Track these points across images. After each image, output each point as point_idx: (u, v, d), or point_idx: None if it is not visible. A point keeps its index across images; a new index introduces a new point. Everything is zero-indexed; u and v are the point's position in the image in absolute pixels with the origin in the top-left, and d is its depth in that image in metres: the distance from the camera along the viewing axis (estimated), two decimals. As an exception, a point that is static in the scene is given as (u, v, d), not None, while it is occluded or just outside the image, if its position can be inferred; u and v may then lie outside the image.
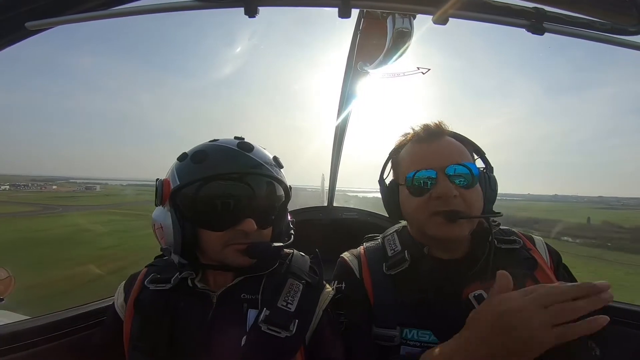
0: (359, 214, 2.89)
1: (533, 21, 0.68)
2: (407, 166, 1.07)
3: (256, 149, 0.99)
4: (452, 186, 0.98)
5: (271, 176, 0.97)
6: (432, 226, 1.01)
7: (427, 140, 1.06)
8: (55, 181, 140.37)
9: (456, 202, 0.98)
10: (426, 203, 1.01)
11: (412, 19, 0.79)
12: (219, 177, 0.92)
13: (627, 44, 0.71)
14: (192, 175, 0.92)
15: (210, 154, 0.94)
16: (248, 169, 0.94)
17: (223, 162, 0.93)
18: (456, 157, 1.03)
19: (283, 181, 1.02)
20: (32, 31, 0.66)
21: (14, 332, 1.16)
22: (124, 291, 1.07)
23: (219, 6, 0.70)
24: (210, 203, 0.92)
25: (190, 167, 0.94)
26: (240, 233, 0.91)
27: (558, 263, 1.12)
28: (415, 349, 1.00)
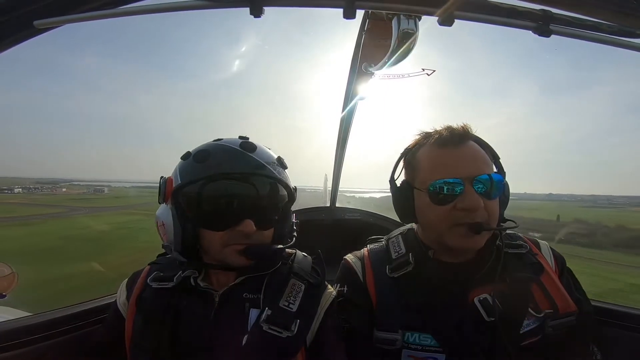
0: (362, 215, 2.88)
1: (540, 23, 0.68)
2: (428, 171, 1.01)
3: (259, 149, 0.97)
4: (479, 199, 0.94)
5: (273, 177, 0.96)
6: (454, 237, 0.97)
7: (451, 145, 1.00)
8: (58, 183, 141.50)
9: (480, 214, 0.95)
10: (449, 213, 0.96)
11: (417, 20, 0.79)
12: (220, 177, 0.92)
13: (634, 46, 0.70)
14: (194, 174, 0.92)
15: (213, 153, 0.94)
16: (249, 170, 0.93)
17: (225, 161, 0.93)
18: (482, 166, 0.98)
19: (286, 182, 1.00)
20: (40, 29, 0.66)
21: (15, 328, 1.16)
22: (126, 289, 1.07)
23: (224, 6, 0.70)
24: (210, 202, 0.92)
25: (192, 166, 0.94)
26: (240, 233, 0.91)
27: (562, 267, 1.11)
28: (417, 352, 1.00)
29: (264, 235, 0.96)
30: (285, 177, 1.01)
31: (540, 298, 1.01)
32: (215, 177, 0.92)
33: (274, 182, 0.97)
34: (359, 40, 1.17)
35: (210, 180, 0.92)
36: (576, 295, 1.07)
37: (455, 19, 0.69)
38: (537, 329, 0.98)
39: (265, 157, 0.97)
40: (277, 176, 0.97)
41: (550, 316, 0.98)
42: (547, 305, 0.99)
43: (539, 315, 0.98)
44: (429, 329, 1.00)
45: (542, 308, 0.99)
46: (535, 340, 0.98)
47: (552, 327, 0.97)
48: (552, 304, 1.00)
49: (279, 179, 0.98)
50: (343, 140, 2.37)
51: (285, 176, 1.02)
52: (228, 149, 0.95)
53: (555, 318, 0.98)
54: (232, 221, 0.91)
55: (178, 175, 0.95)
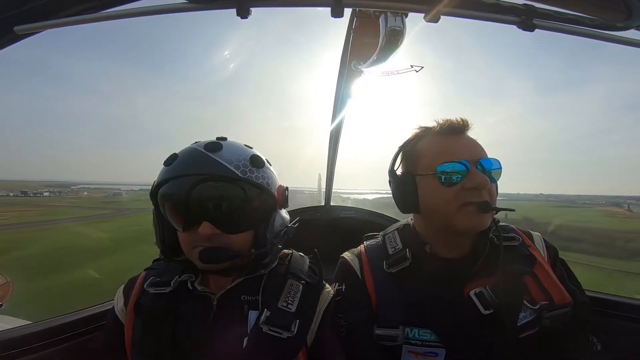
0: (357, 213, 2.89)
1: (523, 18, 0.69)
2: (434, 157, 1.03)
3: (226, 149, 0.92)
4: (487, 178, 0.98)
5: (234, 178, 0.90)
6: (463, 216, 0.99)
7: (454, 133, 1.06)
8: (68, 186, 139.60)
9: (486, 194, 0.99)
10: (457, 194, 0.99)
11: (404, 18, 0.79)
12: (177, 179, 0.90)
13: (616, 40, 0.72)
14: (162, 177, 0.92)
15: (180, 155, 0.93)
16: (205, 171, 0.89)
17: (184, 164, 0.91)
18: (482, 152, 1.03)
19: (256, 182, 0.93)
20: (21, 35, 0.65)
21: (14, 337, 1.15)
22: (123, 295, 1.06)
23: (210, 7, 0.69)
24: (169, 204, 0.92)
25: (163, 169, 0.94)
26: (201, 236, 0.88)
27: (555, 258, 1.13)
28: (417, 347, 1.01)
29: (232, 238, 0.91)
30: (258, 177, 0.93)
31: (535, 290, 1.02)
32: (172, 179, 0.91)
33: (235, 184, 0.90)
34: (348, 39, 1.17)
35: (168, 182, 0.91)
36: (570, 286, 1.08)
37: (441, 15, 0.69)
38: (534, 321, 0.99)
39: (230, 158, 0.91)
40: (239, 177, 0.90)
41: (546, 308, 0.99)
42: (542, 297, 1.01)
43: (534, 307, 0.99)
44: (428, 324, 1.01)
45: (537, 300, 1.00)
46: (533, 332, 0.99)
47: (549, 318, 0.98)
48: (547, 295, 1.01)
49: (244, 179, 0.90)
50: (335, 138, 2.37)
51: (259, 176, 0.94)
52: (192, 150, 0.93)
53: (551, 309, 0.99)
54: (192, 223, 0.90)
55: (157, 177, 0.96)
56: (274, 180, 1.00)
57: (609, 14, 0.70)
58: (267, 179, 0.96)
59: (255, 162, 0.95)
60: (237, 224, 0.92)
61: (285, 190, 1.04)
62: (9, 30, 0.63)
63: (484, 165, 1.00)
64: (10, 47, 0.71)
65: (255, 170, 0.94)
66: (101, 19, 0.67)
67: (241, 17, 0.69)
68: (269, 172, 0.99)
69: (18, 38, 0.67)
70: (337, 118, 2.00)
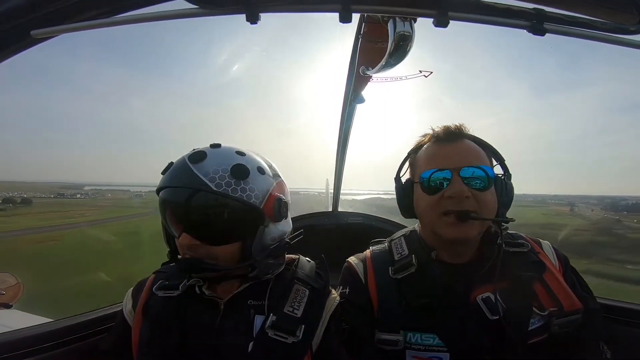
0: (365, 219, 2.87)
1: (534, 22, 0.68)
2: (423, 165, 1.06)
3: (209, 159, 0.90)
4: (465, 187, 0.98)
5: (206, 192, 0.87)
6: (443, 225, 1.00)
7: (445, 141, 1.06)
8: (81, 187, 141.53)
9: (469, 203, 0.98)
10: (438, 202, 1.00)
11: (412, 23, 0.80)
12: (165, 189, 0.93)
13: (628, 43, 0.71)
14: (159, 185, 0.95)
15: (173, 165, 0.95)
16: (181, 183, 0.90)
17: (170, 174, 0.93)
18: (472, 159, 1.02)
19: (229, 197, 0.88)
20: (38, 39, 0.67)
21: (22, 338, 1.17)
22: (132, 298, 1.07)
23: (220, 13, 0.70)
24: (161, 210, 0.96)
25: (161, 177, 0.97)
26: (183, 245, 0.90)
27: (566, 266, 1.11)
28: (421, 352, 1.00)
29: (215, 250, 0.90)
30: (236, 190, 0.89)
31: (544, 296, 1.01)
32: (159, 190, 0.94)
33: (209, 197, 0.88)
34: (356, 44, 1.18)
35: (158, 192, 0.95)
36: (581, 293, 1.07)
37: (450, 20, 0.69)
38: (543, 327, 0.98)
39: (210, 169, 0.89)
40: (213, 190, 0.87)
41: (555, 314, 0.98)
42: (551, 304, 0.99)
43: (543, 314, 0.98)
44: (432, 329, 1.00)
45: (546, 306, 0.99)
46: (542, 338, 0.97)
47: (558, 325, 0.97)
48: (556, 302, 0.99)
49: (217, 192, 0.87)
50: (343, 144, 2.37)
51: (238, 189, 0.89)
52: (179, 160, 0.94)
53: (560, 316, 0.98)
54: (177, 230, 0.92)
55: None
56: (261, 191, 0.94)
57: (620, 17, 0.69)
58: (250, 191, 0.91)
59: (237, 174, 0.90)
60: (214, 236, 0.91)
61: (278, 202, 0.97)
62: (26, 35, 0.65)
63: (466, 174, 0.99)
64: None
65: (234, 182, 0.89)
66: (114, 23, 0.68)
67: (251, 23, 0.70)
68: (257, 182, 0.93)
69: (34, 42, 0.69)
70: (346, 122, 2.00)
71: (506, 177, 1.08)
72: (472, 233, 1.00)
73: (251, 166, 0.94)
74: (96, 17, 0.70)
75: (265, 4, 0.69)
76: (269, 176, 0.99)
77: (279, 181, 1.02)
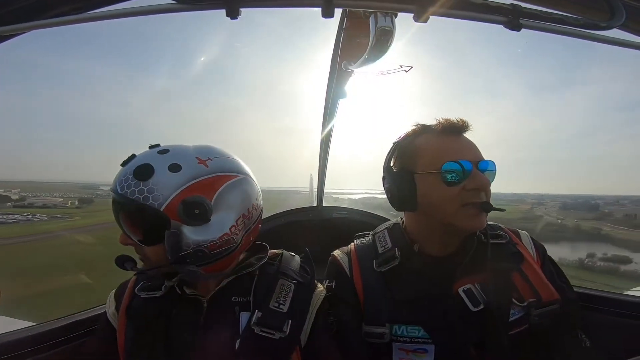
0: (349, 213, 2.89)
1: (510, 17, 0.70)
2: (436, 156, 1.03)
3: (132, 162, 0.90)
4: (488, 179, 1.00)
5: (117, 193, 0.87)
6: (463, 217, 1.00)
7: (456, 132, 1.07)
8: (98, 187, 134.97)
9: (485, 195, 1.01)
10: (459, 194, 0.99)
11: (393, 18, 0.80)
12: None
13: (600, 39, 0.73)
14: None
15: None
16: (112, 184, 0.92)
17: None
18: (480, 153, 1.05)
19: (127, 198, 0.85)
20: (5, 36, 0.64)
21: (3, 342, 1.14)
22: (115, 300, 1.06)
23: (199, 8, 0.69)
24: None
25: None
26: (121, 242, 0.95)
27: (544, 256, 1.14)
28: (407, 344, 1.02)
29: (146, 249, 0.92)
30: (134, 192, 0.85)
31: (523, 287, 1.03)
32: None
33: (120, 200, 0.89)
34: (338, 39, 1.17)
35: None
36: (559, 283, 1.10)
37: (430, 15, 0.70)
38: (522, 318, 1.00)
39: (123, 171, 0.89)
40: (118, 192, 0.86)
41: (534, 305, 1.00)
42: (530, 295, 1.02)
43: (522, 305, 1.01)
44: (417, 321, 1.02)
45: (525, 297, 1.02)
46: (522, 329, 1.00)
47: (537, 315, 1.00)
48: (535, 293, 1.02)
49: (120, 194, 0.86)
50: (327, 139, 2.37)
51: (136, 191, 0.85)
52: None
53: (539, 307, 1.00)
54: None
55: None
56: (165, 192, 0.85)
57: (593, 13, 0.72)
58: (148, 192, 0.85)
59: (138, 175, 0.86)
60: (134, 237, 0.92)
61: (185, 204, 0.85)
62: (-8, 32, 0.62)
63: (484, 167, 1.02)
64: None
65: (134, 184, 0.85)
66: (88, 19, 0.66)
67: (231, 18, 0.69)
68: (162, 183, 0.86)
69: (1, 39, 0.66)
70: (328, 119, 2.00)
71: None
72: (485, 222, 1.03)
73: (160, 165, 0.87)
74: (69, 12, 0.68)
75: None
76: (186, 174, 0.88)
77: (203, 179, 0.89)
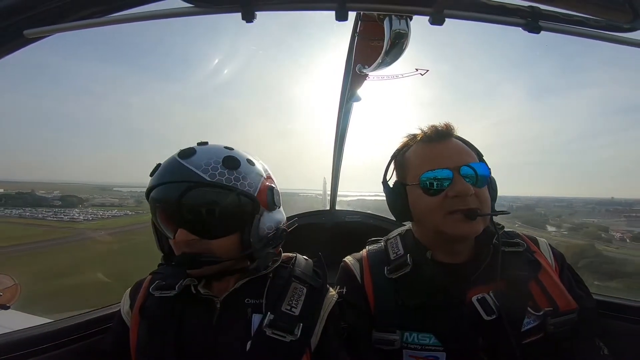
0: (362, 217, 2.88)
1: (529, 20, 0.68)
2: (418, 166, 1.05)
3: (199, 154, 0.92)
4: (469, 185, 0.98)
5: (202, 182, 0.88)
6: (450, 224, 1.00)
7: (437, 140, 1.06)
8: (111, 188, 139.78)
9: (472, 200, 0.98)
10: (442, 202, 1.00)
11: (408, 20, 0.79)
12: (157, 188, 0.92)
13: (622, 41, 0.71)
14: (149, 185, 0.95)
15: (162, 165, 0.95)
16: (173, 178, 0.90)
17: (161, 173, 0.92)
18: (467, 157, 1.03)
19: (223, 185, 0.89)
20: (31, 39, 0.66)
21: (19, 339, 1.16)
22: (129, 298, 1.07)
23: (215, 12, 0.70)
24: (157, 211, 0.94)
25: (151, 177, 0.96)
26: (180, 242, 0.90)
27: (562, 264, 1.12)
28: (417, 352, 1.00)
29: (212, 244, 0.90)
30: (229, 179, 0.90)
31: (539, 296, 1.01)
32: (151, 189, 0.93)
33: (203, 188, 0.89)
34: (352, 42, 1.17)
35: (149, 191, 0.94)
36: (577, 291, 1.07)
37: (446, 17, 0.69)
38: (538, 327, 0.98)
39: (201, 162, 0.90)
40: (207, 180, 0.88)
41: (550, 314, 0.98)
42: (546, 304, 1.00)
43: (538, 314, 0.99)
44: (428, 329, 1.01)
45: (541, 306, 1.00)
46: (538, 338, 0.98)
47: (553, 325, 0.98)
48: (551, 301, 1.00)
49: (212, 183, 0.88)
50: (340, 142, 2.37)
51: (231, 178, 0.91)
52: (169, 159, 0.94)
53: (555, 316, 0.98)
54: (170, 230, 0.91)
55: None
56: (254, 180, 0.96)
57: (615, 15, 0.69)
58: (243, 180, 0.92)
59: (228, 164, 0.91)
60: (210, 229, 0.90)
61: (271, 190, 0.99)
62: (19, 35, 0.64)
63: (466, 172, 0.99)
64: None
65: (227, 172, 0.90)
66: (109, 22, 0.67)
67: (246, 22, 0.69)
68: (249, 172, 0.95)
69: (27, 42, 0.68)
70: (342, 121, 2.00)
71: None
72: (479, 228, 1.00)
73: (241, 158, 0.96)
74: (90, 16, 0.70)
75: (261, 2, 0.69)
76: (258, 167, 1.01)
77: (268, 173, 1.05)
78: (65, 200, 66.55)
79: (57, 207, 61.87)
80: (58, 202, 64.82)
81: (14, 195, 69.50)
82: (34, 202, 64.23)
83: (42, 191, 71.47)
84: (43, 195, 67.17)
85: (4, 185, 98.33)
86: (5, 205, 64.17)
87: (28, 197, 66.54)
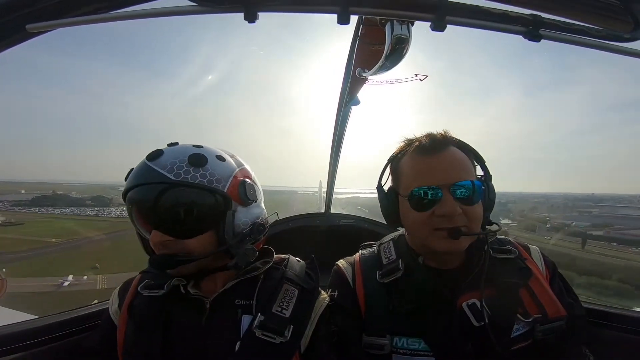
0: (357, 221, 2.87)
1: (530, 28, 0.69)
2: (410, 179, 1.03)
3: (165, 155, 0.90)
4: (456, 205, 0.96)
5: (168, 182, 0.86)
6: (435, 241, 0.99)
7: (431, 152, 1.02)
8: (116, 188, 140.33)
9: (459, 219, 0.97)
10: (429, 219, 0.99)
11: (410, 26, 0.80)
12: (128, 192, 0.92)
13: (622, 51, 0.71)
14: (123, 190, 0.94)
15: (134, 169, 0.94)
16: (141, 181, 0.89)
17: (131, 177, 0.92)
18: (461, 173, 1.00)
19: (189, 184, 0.87)
20: (33, 33, 0.66)
21: (6, 334, 1.15)
22: (118, 297, 1.06)
23: (218, 11, 0.70)
24: (129, 217, 0.94)
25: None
26: (156, 244, 0.89)
27: (554, 272, 1.12)
28: (407, 357, 1.00)
29: (187, 243, 0.89)
30: (195, 177, 0.88)
31: (529, 303, 1.01)
32: (124, 194, 0.93)
33: (168, 188, 0.87)
34: (353, 46, 1.18)
35: (123, 196, 0.94)
36: (567, 299, 1.07)
37: (447, 24, 0.69)
38: (527, 333, 0.99)
39: (167, 162, 0.88)
40: (172, 180, 0.86)
41: (539, 321, 0.99)
42: (536, 310, 1.00)
43: (527, 320, 0.99)
44: (417, 334, 1.01)
45: (531, 313, 1.00)
46: (526, 345, 0.98)
47: (542, 331, 0.98)
48: (540, 308, 1.00)
49: (176, 182, 0.86)
50: (337, 145, 2.37)
51: (197, 176, 0.89)
52: (139, 163, 0.93)
53: (544, 323, 0.99)
54: (146, 231, 0.92)
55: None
56: (223, 176, 0.93)
57: (615, 25, 0.70)
58: (210, 176, 0.90)
59: (194, 162, 0.89)
60: (181, 229, 0.89)
61: (242, 185, 0.96)
62: (21, 29, 0.64)
63: (454, 190, 0.98)
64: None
65: (192, 170, 0.89)
66: (111, 19, 0.68)
67: (249, 22, 0.70)
68: (217, 168, 0.93)
69: (29, 36, 0.68)
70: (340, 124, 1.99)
71: (487, 180, 1.08)
72: (463, 245, 1.00)
73: (209, 155, 0.94)
74: (93, 12, 0.70)
75: (263, 3, 0.69)
76: (230, 163, 0.98)
77: (242, 168, 1.02)
78: (96, 200, 73.14)
79: (92, 206, 69.28)
80: (89, 202, 71.74)
81: (51, 195, 77.27)
82: (70, 202, 72.29)
83: (60, 192, 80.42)
84: (76, 197, 75.89)
85: (23, 186, 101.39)
86: (53, 205, 72.74)
87: (65, 198, 74.22)
